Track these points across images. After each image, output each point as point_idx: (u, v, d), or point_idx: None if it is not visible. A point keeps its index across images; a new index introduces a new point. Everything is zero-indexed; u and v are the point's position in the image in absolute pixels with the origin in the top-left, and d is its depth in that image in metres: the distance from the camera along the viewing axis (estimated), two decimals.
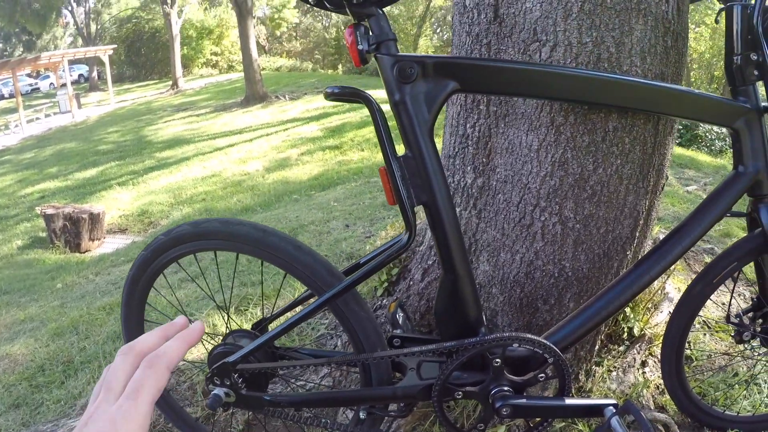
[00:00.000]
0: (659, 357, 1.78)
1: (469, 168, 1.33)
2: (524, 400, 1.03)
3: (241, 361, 1.11)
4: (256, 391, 1.17)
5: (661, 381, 1.72)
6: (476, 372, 1.06)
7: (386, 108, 0.97)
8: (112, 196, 9.24)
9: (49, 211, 7.21)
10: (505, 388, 1.03)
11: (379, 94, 0.93)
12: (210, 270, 3.19)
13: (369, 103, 0.93)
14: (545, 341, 1.01)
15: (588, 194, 1.22)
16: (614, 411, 1.06)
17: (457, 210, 1.37)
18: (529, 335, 0.99)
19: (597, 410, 1.08)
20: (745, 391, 1.72)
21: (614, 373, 1.67)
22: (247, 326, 1.35)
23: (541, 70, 1.03)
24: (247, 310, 2.37)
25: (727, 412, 1.59)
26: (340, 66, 27.83)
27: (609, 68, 1.14)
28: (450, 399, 1.05)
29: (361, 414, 1.17)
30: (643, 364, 1.78)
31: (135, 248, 5.88)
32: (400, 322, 1.26)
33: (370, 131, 9.98)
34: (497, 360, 1.01)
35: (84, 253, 7.15)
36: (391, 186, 0.93)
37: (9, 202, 10.29)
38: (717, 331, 2.14)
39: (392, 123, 0.95)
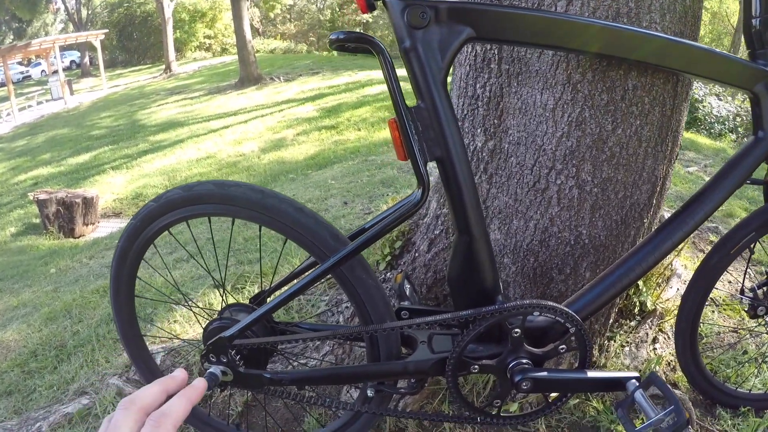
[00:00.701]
0: (673, 332, 1.74)
1: (479, 130, 1.25)
2: (545, 374, 0.97)
3: (238, 335, 1.05)
4: (255, 369, 1.11)
5: (672, 358, 1.68)
6: (492, 344, 1.00)
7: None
8: (105, 181, 9.19)
9: (42, 196, 7.14)
10: (524, 361, 0.97)
11: (376, 75, 0.86)
12: (206, 249, 3.13)
13: (378, 48, 0.85)
14: (568, 309, 0.94)
15: (606, 156, 1.16)
16: (637, 384, 1.00)
17: None
18: (550, 303, 0.93)
19: (619, 384, 1.02)
20: (755, 369, 1.68)
21: (627, 349, 1.62)
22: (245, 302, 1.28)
23: (562, 18, 0.96)
24: (244, 288, 2.32)
25: (739, 390, 1.55)
26: None
27: (628, 23, 1.07)
28: (465, 373, 0.98)
29: (368, 392, 1.10)
30: (654, 340, 1.74)
31: None
32: (407, 294, 1.19)
33: (366, 111, 9.91)
34: (517, 330, 0.94)
35: (78, 237, 7.11)
36: (402, 139, 0.85)
37: (2, 189, 10.21)
38: (725, 309, 2.11)
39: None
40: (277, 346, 1.20)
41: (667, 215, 1.83)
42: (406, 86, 0.87)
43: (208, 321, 1.18)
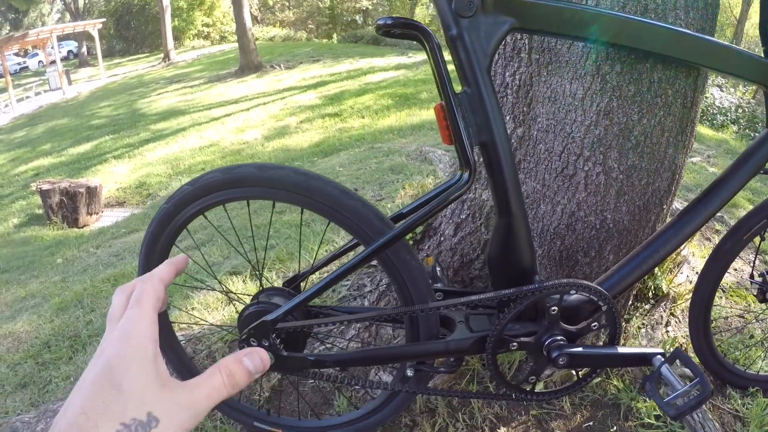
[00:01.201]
0: (684, 315, 1.80)
1: (508, 118, 1.29)
2: (581, 349, 1.01)
3: (282, 318, 1.04)
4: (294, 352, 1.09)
5: (683, 340, 1.73)
6: (528, 322, 1.04)
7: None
8: (108, 170, 9.12)
9: (45, 186, 7.07)
10: (559, 338, 1.01)
11: (377, 62, 0.88)
12: (216, 237, 3.15)
13: (426, 35, 0.88)
14: (601, 288, 0.99)
15: (632, 144, 1.20)
16: (663, 360, 1.04)
17: None
18: (585, 282, 0.97)
19: (646, 359, 1.06)
20: (762, 353, 1.74)
21: (643, 330, 1.67)
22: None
23: (601, 13, 0.99)
24: (262, 276, 2.34)
25: (747, 371, 1.61)
26: (335, 35, 27.41)
27: (655, 19, 1.11)
28: (504, 351, 1.02)
29: (408, 371, 1.12)
30: (666, 323, 1.79)
31: (135, 220, 5.83)
32: (439, 276, 1.23)
33: (369, 98, 9.85)
34: (554, 308, 0.99)
35: (82, 227, 7.07)
36: (449, 124, 0.89)
37: (2, 181, 10.09)
38: (731, 295, 2.16)
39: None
40: (312, 329, 1.21)
41: (676, 205, 1.86)
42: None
43: (242, 306, 1.17)
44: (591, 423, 1.40)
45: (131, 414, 0.44)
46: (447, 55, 0.91)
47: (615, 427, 1.39)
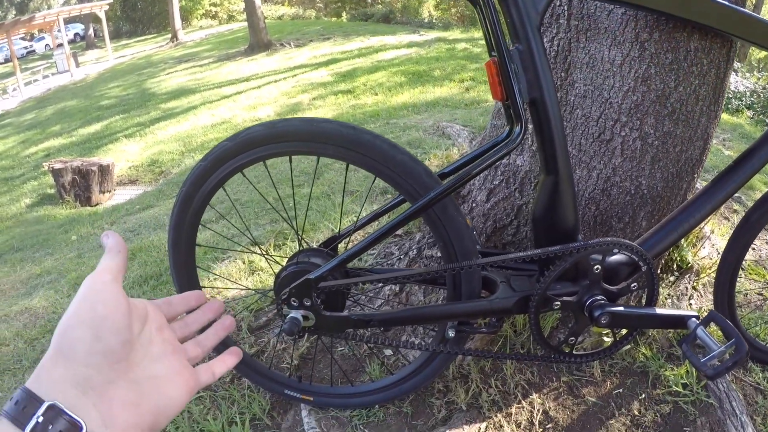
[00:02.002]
0: (706, 290, 1.82)
1: None
2: (622, 309, 1.03)
3: (326, 276, 1.04)
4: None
5: (706, 313, 1.75)
6: (568, 282, 1.06)
7: None
8: (119, 149, 9.08)
9: (57, 165, 7.07)
10: (600, 298, 1.03)
11: (389, 40, 0.87)
12: (232, 209, 3.15)
13: None
14: (642, 248, 1.00)
15: (668, 111, 1.22)
16: (698, 322, 1.06)
17: None
18: (628, 241, 0.99)
19: (681, 321, 1.08)
20: None
21: (669, 301, 1.69)
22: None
23: None
24: (284, 244, 2.35)
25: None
26: (344, 13, 27.15)
27: None
28: (547, 310, 1.04)
29: (450, 332, 1.13)
30: (689, 296, 1.81)
31: (148, 197, 5.84)
32: (475, 238, 1.25)
33: (382, 75, 9.70)
34: (597, 267, 1.00)
35: (95, 206, 7.08)
36: (501, 79, 0.91)
37: (13, 163, 10.05)
38: (750, 273, 2.17)
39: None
40: (350, 289, 1.21)
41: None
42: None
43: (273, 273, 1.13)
44: (620, 390, 1.42)
45: None
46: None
47: (643, 395, 1.41)
